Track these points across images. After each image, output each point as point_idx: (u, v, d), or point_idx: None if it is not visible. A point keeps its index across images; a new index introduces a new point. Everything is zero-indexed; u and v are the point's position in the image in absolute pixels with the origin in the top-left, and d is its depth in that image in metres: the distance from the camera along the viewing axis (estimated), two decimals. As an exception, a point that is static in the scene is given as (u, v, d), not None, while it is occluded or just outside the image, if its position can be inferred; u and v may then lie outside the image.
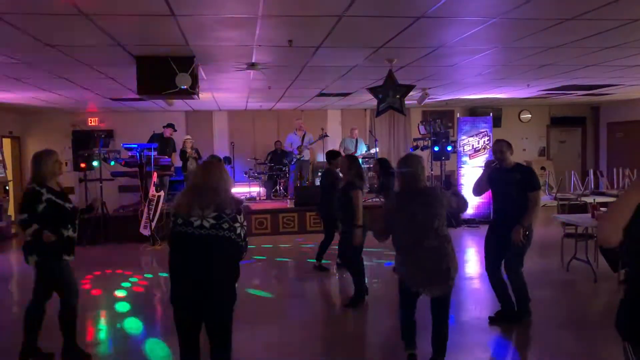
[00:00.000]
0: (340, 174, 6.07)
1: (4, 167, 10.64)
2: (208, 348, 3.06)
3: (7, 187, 10.46)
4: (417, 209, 3.63)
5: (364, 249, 5.57)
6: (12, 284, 7.32)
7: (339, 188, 5.76)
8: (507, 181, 4.67)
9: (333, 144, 12.14)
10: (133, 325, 5.10)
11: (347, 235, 5.46)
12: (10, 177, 11.12)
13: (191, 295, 2.89)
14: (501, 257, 4.78)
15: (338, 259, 6.92)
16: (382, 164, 7.20)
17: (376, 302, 5.70)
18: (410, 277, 3.68)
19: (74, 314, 4.12)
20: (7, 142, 11.77)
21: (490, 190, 5.01)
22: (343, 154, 8.46)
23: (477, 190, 4.99)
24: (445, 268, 3.60)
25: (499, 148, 4.74)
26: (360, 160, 12.03)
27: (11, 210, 11.25)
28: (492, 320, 4.91)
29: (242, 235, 2.93)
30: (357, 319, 5.33)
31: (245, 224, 2.98)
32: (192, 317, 2.95)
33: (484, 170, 4.92)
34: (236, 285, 3.06)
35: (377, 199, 10.42)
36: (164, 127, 10.93)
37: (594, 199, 7.54)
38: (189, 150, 10.89)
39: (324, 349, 4.61)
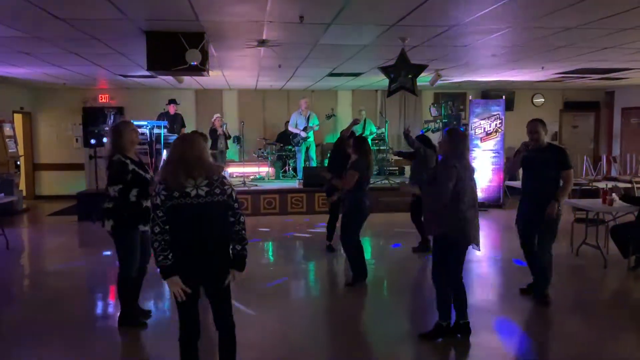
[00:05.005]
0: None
1: (15, 142, 10.71)
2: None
3: (18, 162, 10.55)
4: (471, 178, 4.07)
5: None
6: (24, 257, 7.41)
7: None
8: (541, 160, 4.81)
9: (342, 124, 12.05)
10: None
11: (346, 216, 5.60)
12: (21, 152, 11.19)
13: (198, 264, 2.97)
14: (533, 233, 4.95)
15: (327, 241, 7.09)
16: (424, 140, 7.21)
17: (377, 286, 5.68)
18: (467, 235, 4.05)
19: (140, 277, 4.44)
20: (18, 118, 11.82)
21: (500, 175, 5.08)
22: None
23: (510, 171, 5.14)
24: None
25: (534, 128, 4.87)
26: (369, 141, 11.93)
27: (22, 185, 11.36)
28: (523, 291, 5.18)
29: (234, 196, 3.03)
30: (355, 300, 5.36)
31: (232, 185, 3.10)
32: (196, 285, 3.01)
33: (521, 151, 5.05)
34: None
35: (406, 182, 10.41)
36: (166, 104, 10.90)
37: (606, 184, 7.46)
38: (219, 128, 10.84)
39: (324, 329, 4.64)
